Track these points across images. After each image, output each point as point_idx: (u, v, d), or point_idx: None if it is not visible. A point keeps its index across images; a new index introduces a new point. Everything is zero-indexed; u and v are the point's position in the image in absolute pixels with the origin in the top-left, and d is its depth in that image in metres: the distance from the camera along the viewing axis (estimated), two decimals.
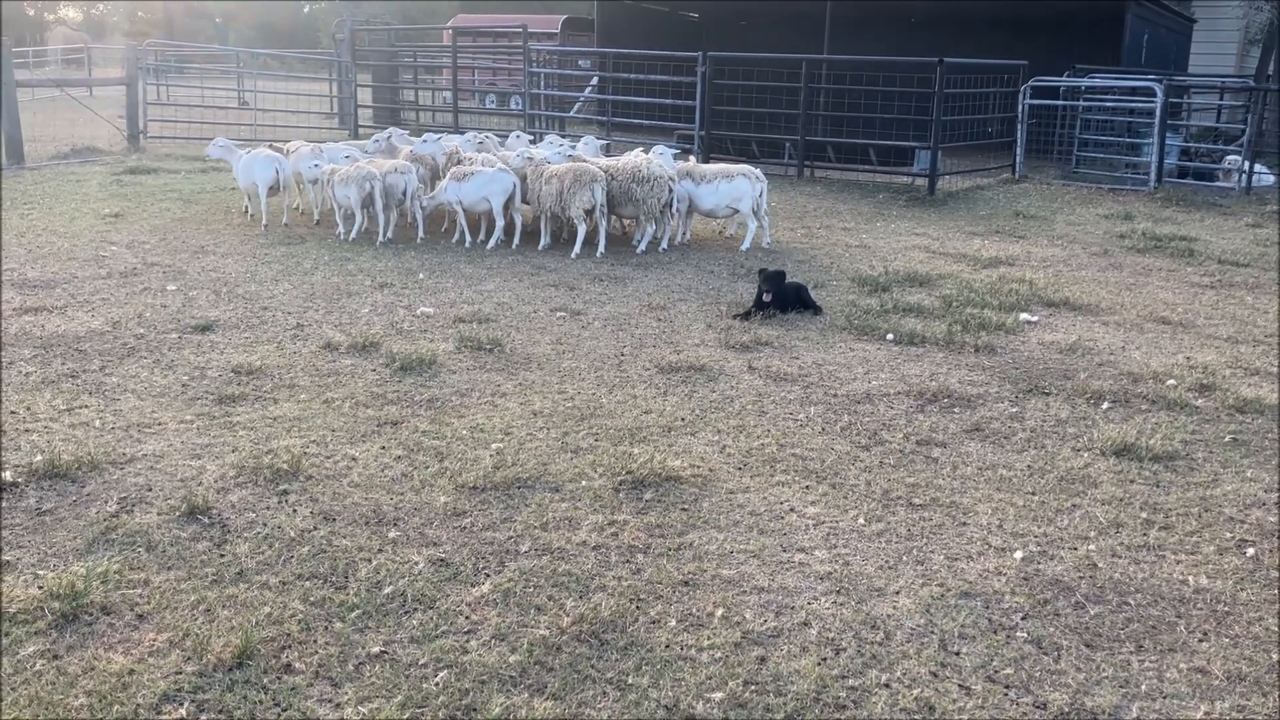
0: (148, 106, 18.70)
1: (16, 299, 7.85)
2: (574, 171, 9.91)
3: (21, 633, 3.51)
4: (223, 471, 4.85)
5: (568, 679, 3.34)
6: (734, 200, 10.49)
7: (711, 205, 10.61)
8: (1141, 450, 5.37)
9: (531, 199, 10.29)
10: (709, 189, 10.49)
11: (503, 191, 10.24)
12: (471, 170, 10.33)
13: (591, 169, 9.94)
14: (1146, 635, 3.71)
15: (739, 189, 10.42)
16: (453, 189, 10.27)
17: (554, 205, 10.06)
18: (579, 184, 9.83)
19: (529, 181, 10.23)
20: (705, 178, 10.53)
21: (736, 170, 10.59)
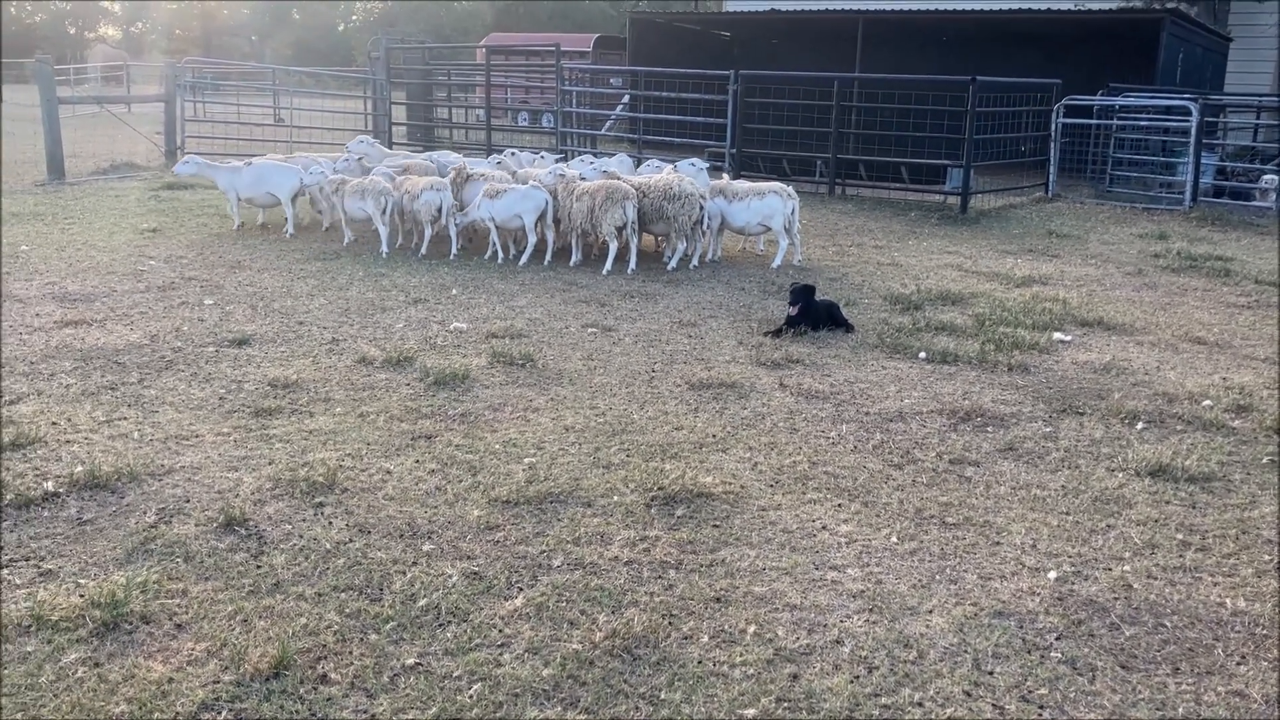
0: (185, 123, 18.96)
1: (57, 312, 7.98)
2: (606, 189, 9.96)
3: (64, 640, 3.56)
4: (259, 484, 4.91)
5: (600, 693, 3.35)
6: (766, 218, 10.51)
7: (743, 222, 10.64)
8: (1177, 471, 5.33)
9: (562, 216, 10.35)
10: (741, 206, 10.52)
11: (535, 209, 10.31)
12: (504, 188, 10.41)
13: (623, 186, 9.99)
14: (1183, 657, 3.68)
15: (771, 206, 10.45)
16: (486, 206, 10.35)
17: (585, 222, 10.11)
18: (611, 201, 9.88)
19: (560, 199, 10.29)
20: (737, 195, 10.56)
21: (768, 188, 10.62)
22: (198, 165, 11.96)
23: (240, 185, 11.79)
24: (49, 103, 16.06)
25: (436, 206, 10.56)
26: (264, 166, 11.90)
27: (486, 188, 10.48)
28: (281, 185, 11.66)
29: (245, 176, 11.77)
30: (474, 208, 10.52)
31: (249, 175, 11.77)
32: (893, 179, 16.95)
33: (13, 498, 4.66)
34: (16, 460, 5.11)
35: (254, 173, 11.77)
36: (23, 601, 3.81)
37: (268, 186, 11.74)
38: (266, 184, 11.73)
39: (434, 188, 10.58)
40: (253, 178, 11.76)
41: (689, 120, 17.95)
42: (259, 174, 11.78)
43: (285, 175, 11.72)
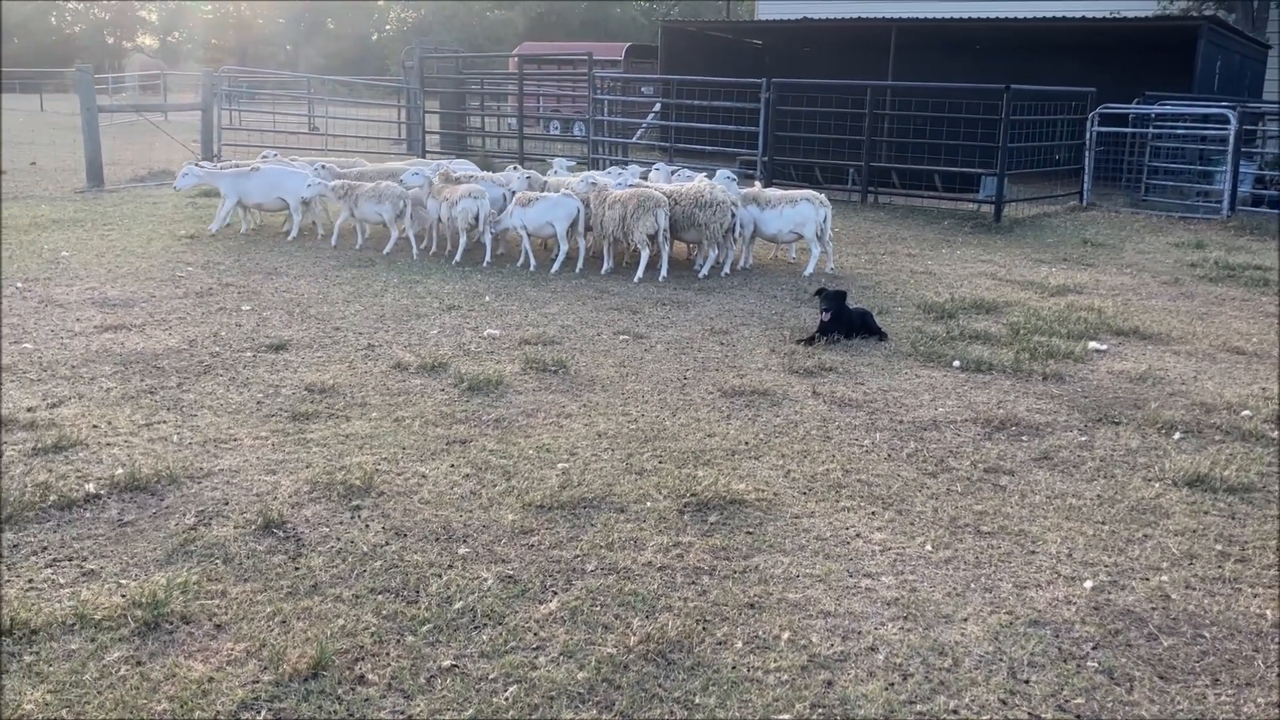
0: (221, 131, 19.18)
1: (97, 317, 8.10)
2: (638, 197, 9.99)
3: (107, 639, 3.62)
4: (297, 487, 4.96)
5: (635, 697, 3.37)
6: (798, 225, 10.51)
7: (776, 230, 10.64)
8: (1215, 481, 5.28)
9: (594, 224, 10.39)
10: (773, 214, 10.53)
11: (566, 216, 10.36)
12: (536, 196, 10.47)
13: (655, 194, 10.02)
14: (1223, 668, 3.64)
15: (803, 214, 10.45)
16: (518, 214, 10.41)
17: (617, 230, 10.15)
18: (643, 209, 9.92)
19: (592, 207, 10.33)
20: (770, 203, 10.57)
21: (801, 195, 10.62)
22: (199, 176, 12.02)
23: (249, 190, 11.85)
24: (89, 111, 16.30)
25: (474, 214, 10.63)
26: (274, 171, 11.98)
27: (518, 195, 10.54)
28: (292, 190, 11.72)
29: (255, 181, 11.83)
30: (506, 215, 10.57)
31: (259, 180, 11.83)
32: (926, 187, 16.89)
33: (56, 499, 4.73)
34: (59, 462, 5.19)
35: (264, 178, 11.83)
36: (66, 600, 3.87)
37: (279, 191, 11.82)
38: (278, 189, 11.81)
39: (472, 195, 10.65)
40: (263, 182, 11.82)
41: (720, 128, 17.97)
42: (270, 179, 11.84)
43: (296, 180, 11.76)
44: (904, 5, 25.23)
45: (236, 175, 11.95)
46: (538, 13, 72.10)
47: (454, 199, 10.66)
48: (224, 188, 11.99)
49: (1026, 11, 22.66)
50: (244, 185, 11.87)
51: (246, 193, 11.88)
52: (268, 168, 12.12)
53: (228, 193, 11.94)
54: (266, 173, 11.95)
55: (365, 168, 12.90)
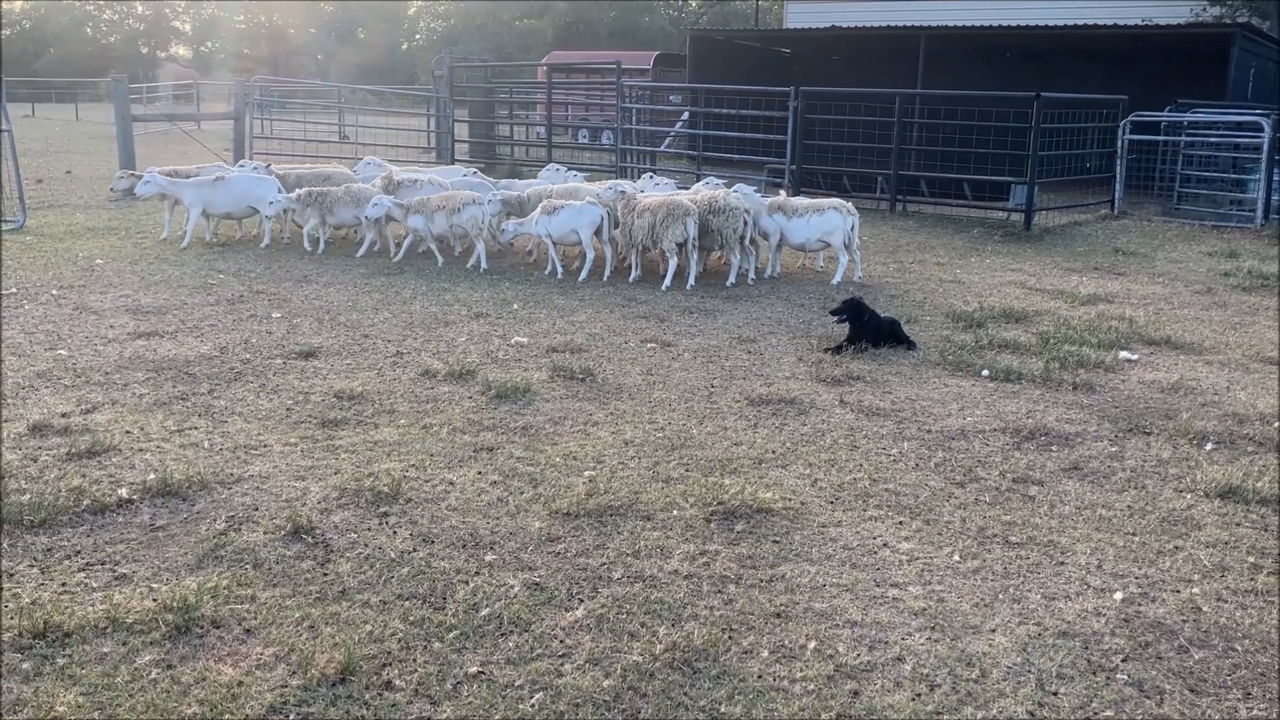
0: (253, 140, 19.36)
1: (130, 324, 8.19)
2: (667, 205, 10.02)
3: (138, 642, 3.66)
4: (326, 493, 5.00)
5: (661, 705, 3.37)
6: (825, 234, 10.50)
7: (803, 239, 10.64)
8: (1248, 493, 5.22)
9: (622, 232, 10.41)
10: (800, 223, 10.52)
11: (590, 224, 10.41)
12: (561, 203, 10.52)
13: (685, 203, 10.05)
14: (1255, 682, 3.61)
15: (830, 222, 10.44)
16: (543, 222, 10.47)
17: (646, 239, 10.17)
18: (672, 218, 9.94)
19: (620, 215, 10.35)
20: (796, 211, 10.57)
21: (827, 204, 10.61)
22: (160, 185, 11.62)
23: (216, 200, 11.61)
24: (123, 120, 16.52)
25: (481, 220, 10.81)
26: (242, 179, 11.80)
27: (544, 203, 10.59)
28: (262, 198, 11.56)
29: (222, 191, 11.59)
30: (530, 222, 10.63)
31: (226, 190, 11.61)
32: (955, 196, 16.82)
33: (89, 503, 4.79)
34: (93, 467, 5.25)
35: (231, 187, 11.63)
36: (99, 604, 3.92)
37: (249, 201, 11.65)
38: (248, 198, 11.65)
39: (475, 202, 10.81)
40: (231, 192, 11.62)
41: (749, 137, 17.97)
42: (238, 188, 11.66)
43: (266, 187, 11.64)
44: (933, 13, 25.16)
45: (201, 185, 11.66)
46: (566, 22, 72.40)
47: (457, 206, 10.82)
48: (187, 198, 11.66)
49: (1057, 19, 22.54)
50: (210, 195, 11.60)
51: (212, 203, 11.63)
52: (234, 176, 11.85)
53: (192, 203, 11.61)
54: (234, 182, 11.70)
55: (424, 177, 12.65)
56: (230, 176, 11.86)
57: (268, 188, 11.71)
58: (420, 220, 11.05)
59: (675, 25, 70.65)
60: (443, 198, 11.10)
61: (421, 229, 11.13)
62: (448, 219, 10.92)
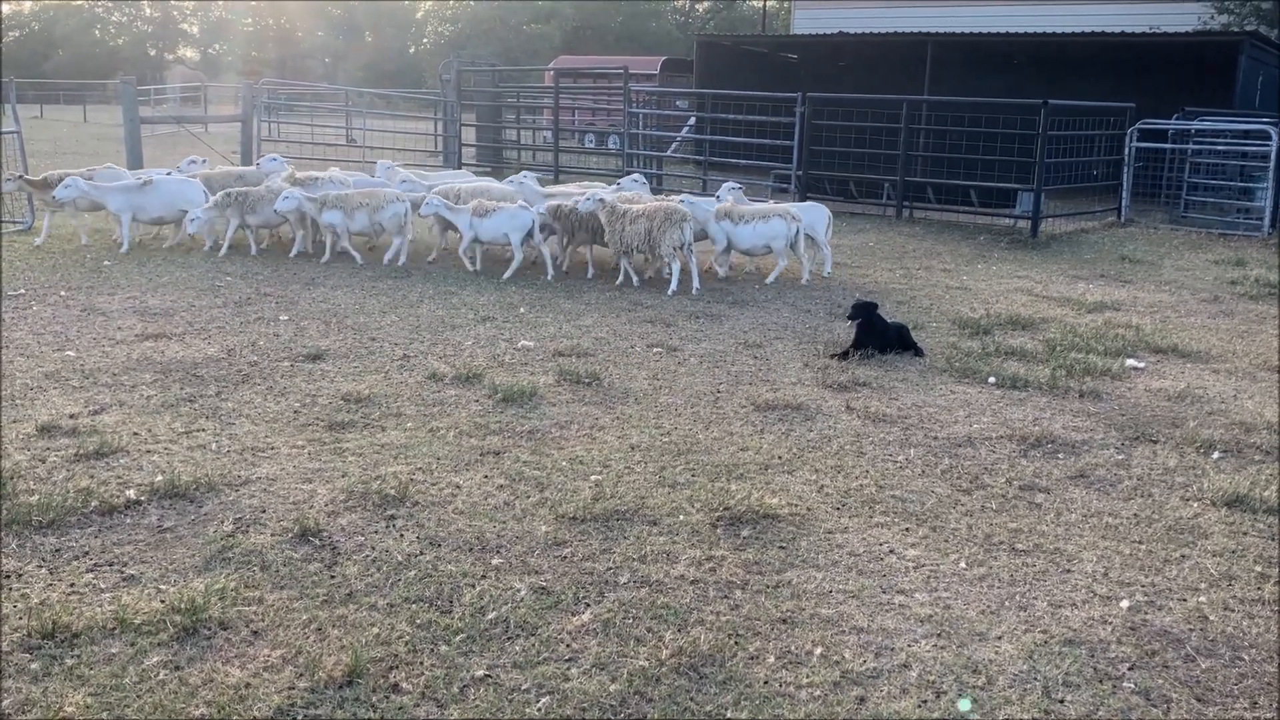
0: (261, 142, 19.42)
1: (138, 325, 8.21)
2: (663, 211, 10.10)
3: (146, 643, 3.67)
4: (333, 495, 5.01)
5: (667, 710, 3.37)
6: (770, 239, 10.67)
7: (749, 244, 10.80)
8: (1255, 502, 5.22)
9: (611, 240, 10.44)
10: (747, 229, 10.65)
11: (521, 228, 10.62)
12: (493, 206, 10.73)
13: (680, 208, 10.14)
14: (1261, 691, 3.60)
15: (774, 229, 10.61)
16: (474, 224, 10.70)
17: (642, 244, 10.21)
18: (669, 223, 9.99)
19: (606, 222, 10.36)
20: (743, 218, 10.69)
21: (773, 210, 10.80)
22: (82, 189, 11.25)
23: (144, 205, 11.37)
24: (131, 122, 16.56)
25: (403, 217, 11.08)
26: (170, 183, 11.56)
27: (475, 205, 10.79)
28: (192, 201, 11.36)
29: (150, 196, 11.36)
30: (465, 226, 10.80)
31: (155, 194, 11.37)
32: (961, 202, 16.82)
33: (97, 504, 4.81)
34: (100, 468, 5.27)
35: (160, 191, 11.40)
36: (107, 605, 3.93)
37: (180, 204, 11.40)
38: (180, 201, 11.41)
39: (398, 200, 11.04)
40: (160, 196, 11.39)
41: (755, 142, 17.98)
42: (168, 191, 11.44)
43: (195, 191, 11.49)
44: (941, 20, 25.17)
45: (127, 189, 11.39)
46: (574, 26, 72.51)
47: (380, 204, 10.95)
48: (113, 204, 11.36)
49: (1065, 26, 22.54)
50: (137, 200, 11.35)
51: (141, 208, 11.36)
52: (161, 180, 11.55)
53: (119, 209, 11.33)
54: (162, 185, 11.44)
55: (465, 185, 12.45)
56: (158, 180, 11.51)
57: (196, 192, 11.48)
58: (338, 216, 10.97)
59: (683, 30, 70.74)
60: (364, 194, 11.10)
61: (338, 225, 11.04)
62: (370, 216, 10.98)
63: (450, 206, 10.93)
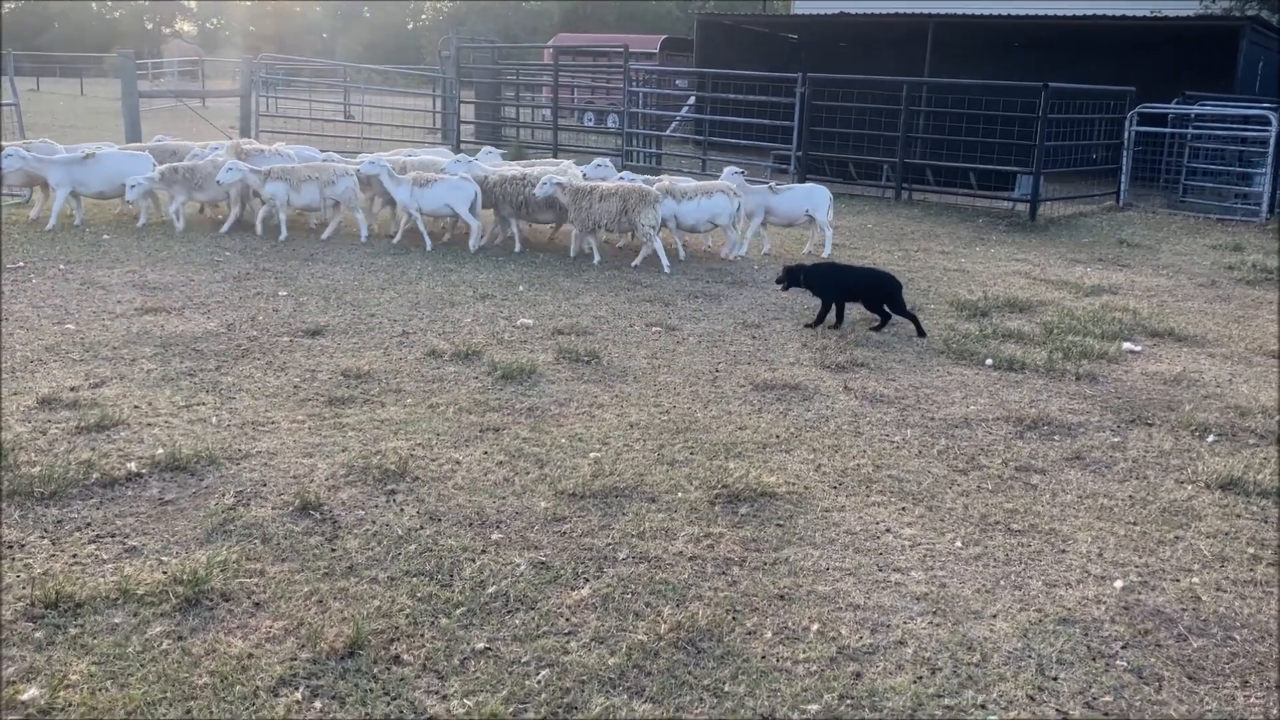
0: (260, 118, 19.35)
1: (138, 299, 8.22)
2: (636, 191, 10.21)
3: (149, 613, 3.70)
4: (333, 470, 5.04)
5: (665, 684, 3.41)
6: (713, 216, 10.71)
7: (694, 221, 10.82)
8: (1249, 485, 5.25)
9: (577, 219, 10.45)
10: (691, 206, 10.69)
11: (465, 200, 10.68)
12: (432, 177, 10.76)
13: (652, 190, 10.29)
14: (1253, 670, 3.64)
15: (718, 205, 10.68)
16: (415, 194, 10.72)
17: (614, 223, 10.26)
18: (645, 203, 10.11)
19: (572, 201, 10.36)
20: (685, 195, 10.73)
21: (716, 187, 10.84)
22: (22, 159, 10.91)
23: (86, 179, 11.11)
24: (129, 95, 16.50)
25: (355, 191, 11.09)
26: (114, 157, 11.37)
27: (415, 176, 10.82)
28: (139, 175, 11.09)
29: (92, 169, 11.10)
30: (407, 196, 10.82)
31: (97, 168, 11.12)
32: (960, 184, 16.81)
33: (99, 476, 4.83)
34: (101, 441, 5.29)
35: (103, 164, 11.16)
36: (110, 575, 3.96)
37: (124, 178, 11.07)
38: (123, 175, 11.10)
39: (348, 174, 11.03)
40: (103, 170, 11.13)
41: (755, 122, 17.95)
42: (111, 165, 11.20)
43: (141, 164, 11.30)
44: (942, 1, 25.08)
45: (69, 162, 11.08)
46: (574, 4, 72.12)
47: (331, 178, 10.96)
48: (54, 177, 11.03)
49: (1066, 10, 22.45)
50: (79, 174, 11.08)
51: (82, 181, 11.11)
52: (106, 153, 11.38)
53: (60, 182, 11.01)
54: (106, 159, 11.24)
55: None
56: (101, 154, 11.31)
57: (142, 165, 11.29)
58: (282, 189, 10.86)
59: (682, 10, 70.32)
60: (313, 168, 11.03)
61: (281, 197, 10.90)
62: (320, 190, 10.94)
63: (393, 174, 10.89)
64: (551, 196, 10.44)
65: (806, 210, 11.35)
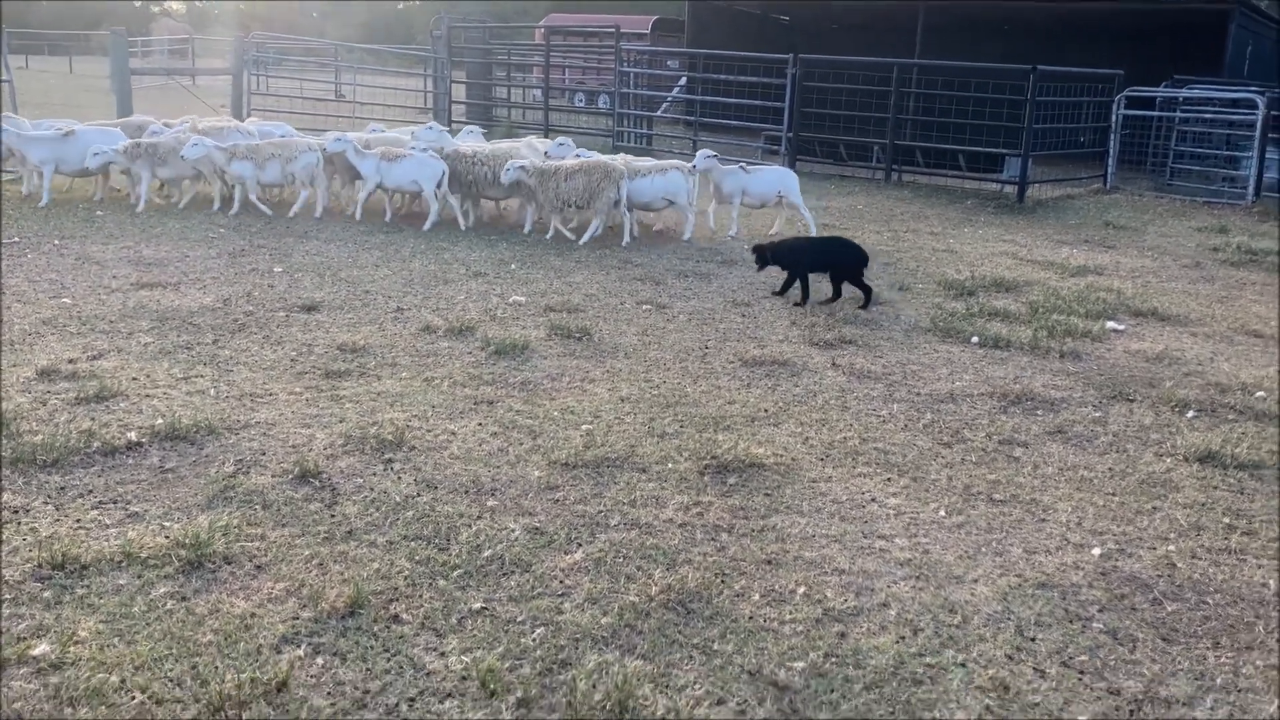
0: (251, 96, 19.32)
1: (133, 274, 8.28)
2: (601, 168, 10.32)
3: (153, 575, 3.80)
4: (331, 440, 5.13)
5: (656, 642, 3.52)
6: (669, 194, 10.77)
7: (649, 198, 10.86)
8: (1226, 458, 5.38)
9: (546, 199, 10.52)
10: (645, 183, 10.75)
11: (433, 177, 10.75)
12: (400, 153, 10.81)
13: (616, 166, 10.40)
14: (1224, 633, 3.77)
15: (674, 182, 10.73)
16: (382, 169, 10.76)
17: (579, 200, 10.39)
18: (608, 180, 10.26)
19: (540, 181, 10.42)
20: (640, 172, 10.80)
21: (671, 164, 10.89)
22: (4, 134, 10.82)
23: (67, 156, 11.01)
24: (121, 73, 16.48)
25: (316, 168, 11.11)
26: (91, 134, 11.25)
27: (383, 151, 10.84)
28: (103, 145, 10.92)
29: (73, 147, 11.00)
30: (372, 172, 10.85)
31: (78, 146, 10.99)
32: (950, 166, 16.91)
33: (99, 445, 4.92)
34: (101, 411, 5.37)
35: (84, 142, 11.02)
36: (113, 539, 4.05)
37: None
38: None
39: (310, 150, 11.04)
40: (82, 148, 10.95)
41: (746, 103, 18.00)
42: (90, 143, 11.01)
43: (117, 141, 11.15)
44: None
45: (51, 141, 11.02)
46: None
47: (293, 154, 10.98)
48: (35, 155, 10.99)
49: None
50: (61, 151, 11.01)
51: (64, 159, 11.03)
52: (85, 131, 11.29)
53: (42, 160, 10.96)
54: (84, 136, 11.12)
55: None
56: (81, 131, 11.22)
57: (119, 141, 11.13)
58: (248, 167, 10.86)
59: None
60: (276, 145, 11.04)
61: (248, 176, 10.91)
62: (282, 167, 10.94)
63: (358, 150, 10.88)
64: (517, 181, 10.49)
65: (779, 191, 11.32)
